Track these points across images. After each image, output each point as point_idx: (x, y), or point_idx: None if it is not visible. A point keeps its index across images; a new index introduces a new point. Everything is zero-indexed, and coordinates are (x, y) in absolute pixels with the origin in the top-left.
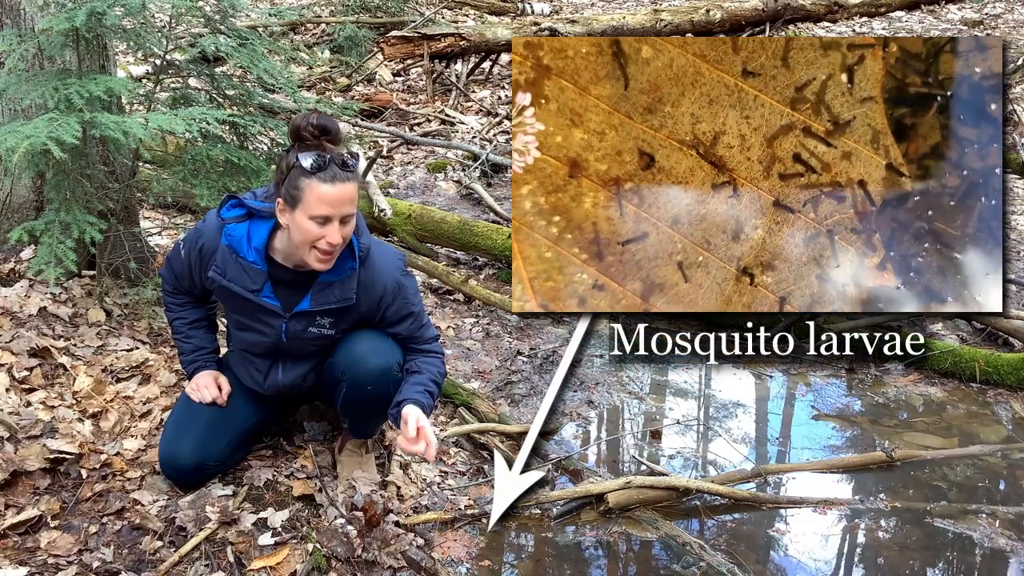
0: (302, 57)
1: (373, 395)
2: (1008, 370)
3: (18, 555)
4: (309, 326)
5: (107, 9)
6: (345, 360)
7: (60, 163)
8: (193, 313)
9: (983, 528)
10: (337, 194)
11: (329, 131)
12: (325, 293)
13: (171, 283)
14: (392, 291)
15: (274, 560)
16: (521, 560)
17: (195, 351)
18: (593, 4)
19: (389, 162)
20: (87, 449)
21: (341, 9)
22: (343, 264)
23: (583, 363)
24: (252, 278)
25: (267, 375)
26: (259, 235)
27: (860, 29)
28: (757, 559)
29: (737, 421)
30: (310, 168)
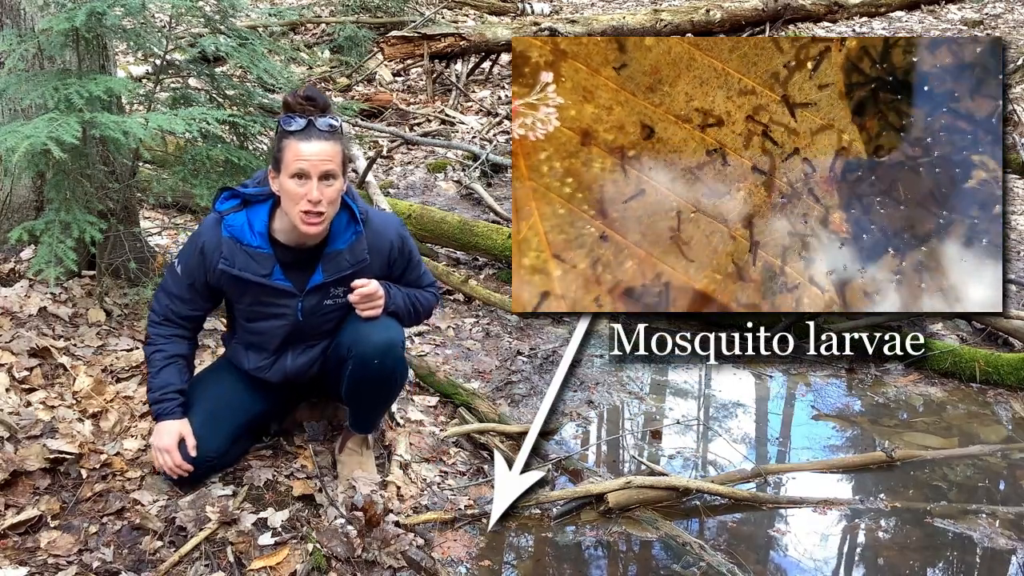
0: (302, 57)
1: (379, 371)
2: (1008, 370)
3: (18, 555)
4: (324, 299)
5: (107, 9)
6: (351, 337)
7: (60, 163)
8: (173, 347)
9: (983, 528)
10: (314, 151)
11: (314, 99)
12: (336, 262)
13: (162, 312)
14: (397, 245)
15: (274, 560)
16: (521, 560)
17: (162, 388)
18: (593, 4)
19: (389, 162)
20: (87, 449)
21: (341, 9)
22: (346, 231)
23: (583, 363)
24: (260, 263)
25: (276, 361)
26: (259, 219)
27: (860, 29)
28: (757, 559)
29: (737, 421)
30: (289, 128)
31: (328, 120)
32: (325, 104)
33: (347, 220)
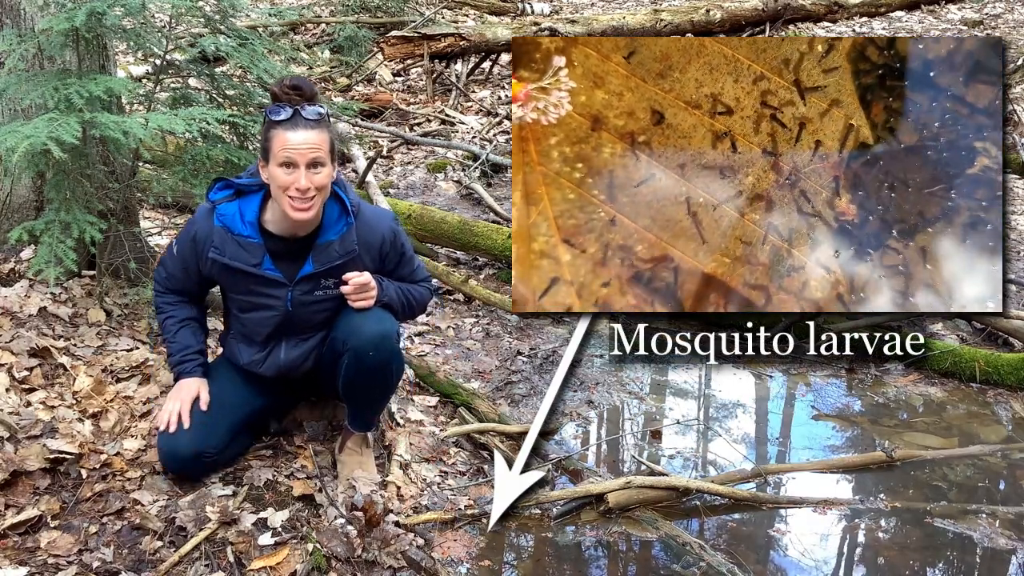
0: (302, 57)
1: (375, 363)
2: (1008, 370)
3: (18, 555)
4: (315, 289)
5: (107, 9)
6: (345, 331)
7: (60, 163)
8: (183, 311)
9: (983, 528)
10: (300, 140)
11: (301, 88)
12: (326, 253)
13: (162, 283)
14: (389, 239)
15: (274, 560)
16: (521, 560)
17: (182, 350)
18: (593, 4)
19: (389, 162)
20: (87, 449)
21: (341, 9)
22: (337, 223)
23: (583, 363)
24: (251, 252)
25: (269, 354)
26: (250, 209)
27: (860, 29)
28: (757, 559)
29: (737, 421)
30: (275, 118)
31: (315, 109)
32: (312, 93)
33: (339, 212)
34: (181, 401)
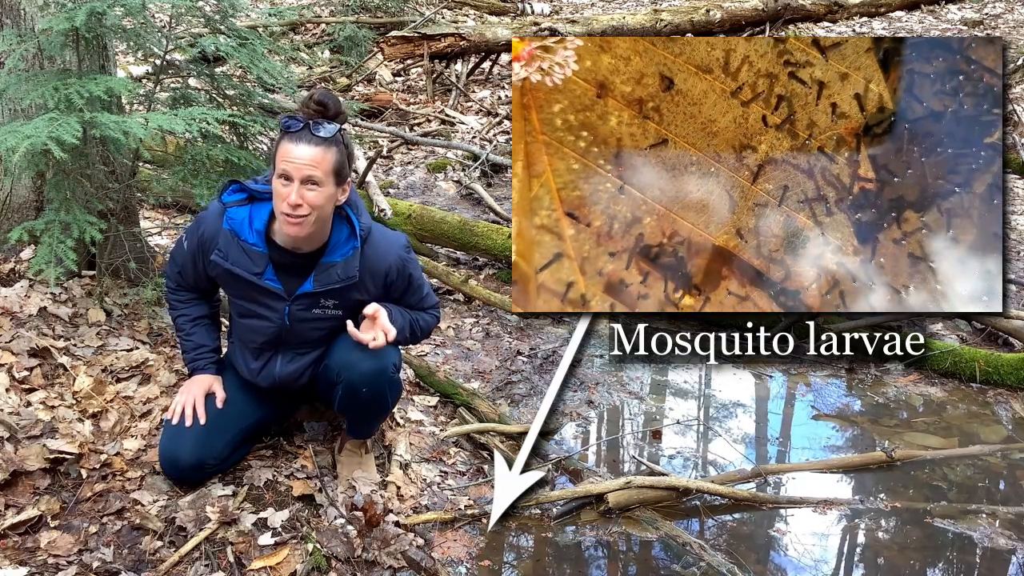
0: (302, 57)
1: (369, 397)
2: (1008, 370)
3: (18, 555)
4: (313, 307)
5: (107, 9)
6: (340, 362)
7: (60, 163)
8: (196, 310)
9: (983, 528)
10: (300, 154)
11: (325, 104)
12: (328, 273)
13: (174, 279)
14: (397, 268)
15: (274, 560)
16: (521, 560)
17: (196, 348)
18: (593, 4)
19: (389, 162)
20: (87, 449)
21: (341, 9)
22: (345, 245)
23: (583, 363)
24: (254, 261)
25: (265, 365)
26: (260, 218)
27: (860, 29)
28: (757, 559)
29: (737, 421)
30: (284, 128)
31: (330, 127)
32: (336, 111)
33: (348, 234)
34: (194, 395)
